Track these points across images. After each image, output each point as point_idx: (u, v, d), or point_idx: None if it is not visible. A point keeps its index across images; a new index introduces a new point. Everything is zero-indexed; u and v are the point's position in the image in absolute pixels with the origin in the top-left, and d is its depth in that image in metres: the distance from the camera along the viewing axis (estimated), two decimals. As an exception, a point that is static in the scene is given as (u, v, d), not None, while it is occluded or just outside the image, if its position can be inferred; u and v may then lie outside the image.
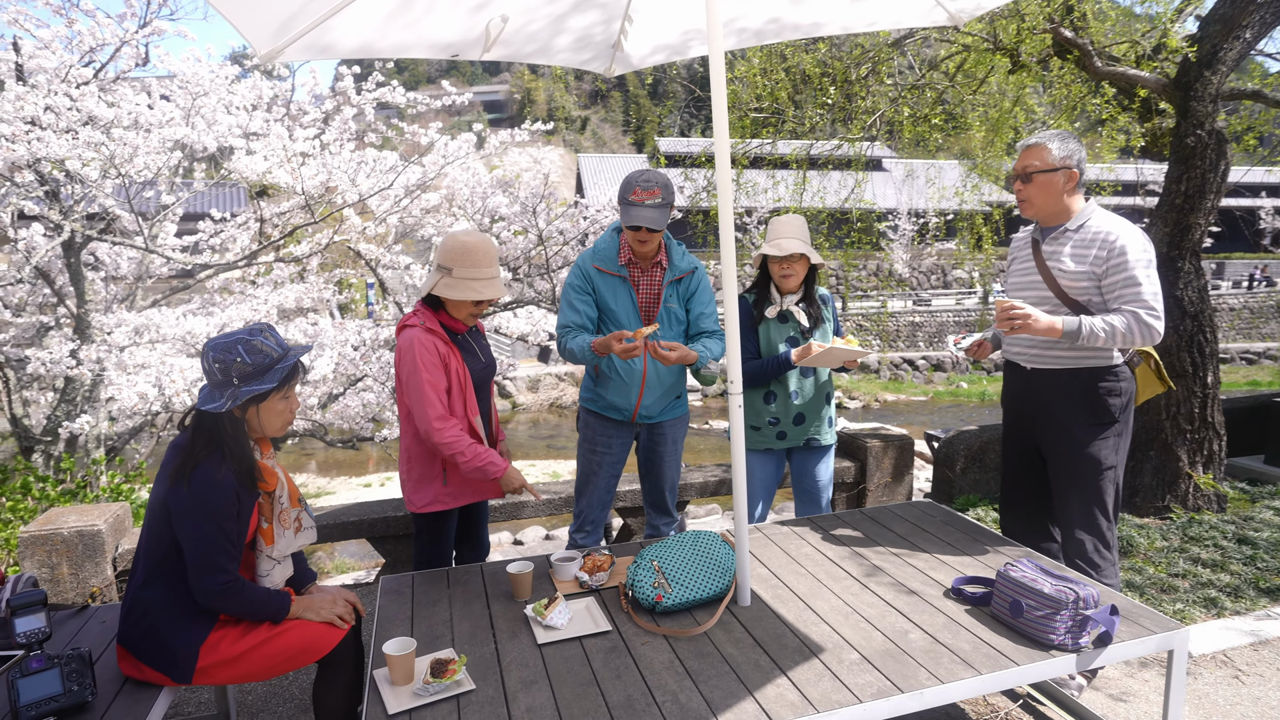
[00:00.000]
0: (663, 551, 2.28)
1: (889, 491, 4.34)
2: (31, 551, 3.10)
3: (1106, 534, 2.52)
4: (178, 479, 1.76)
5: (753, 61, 5.42)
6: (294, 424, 6.24)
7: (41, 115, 5.09)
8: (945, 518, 2.86)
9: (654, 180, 2.57)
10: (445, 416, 2.36)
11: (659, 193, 2.56)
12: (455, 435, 2.36)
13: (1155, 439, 4.18)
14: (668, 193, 2.58)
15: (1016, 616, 1.99)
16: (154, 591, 1.81)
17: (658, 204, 2.55)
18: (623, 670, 1.88)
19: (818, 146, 6.11)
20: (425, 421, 2.34)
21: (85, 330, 6.55)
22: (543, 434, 20.04)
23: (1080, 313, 2.43)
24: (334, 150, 8.07)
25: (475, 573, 2.47)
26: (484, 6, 2.41)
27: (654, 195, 2.55)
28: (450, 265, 2.37)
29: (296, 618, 1.97)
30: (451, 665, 1.82)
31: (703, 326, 2.84)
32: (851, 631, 2.03)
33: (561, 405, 22.04)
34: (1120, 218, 2.43)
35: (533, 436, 19.58)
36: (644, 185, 2.57)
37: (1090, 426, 2.47)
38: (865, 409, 22.69)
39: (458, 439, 2.36)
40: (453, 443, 2.35)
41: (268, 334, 1.88)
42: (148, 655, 1.81)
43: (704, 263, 3.02)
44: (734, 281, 2.01)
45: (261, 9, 2.03)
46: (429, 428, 2.33)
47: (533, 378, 22.88)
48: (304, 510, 2.07)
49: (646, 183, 2.57)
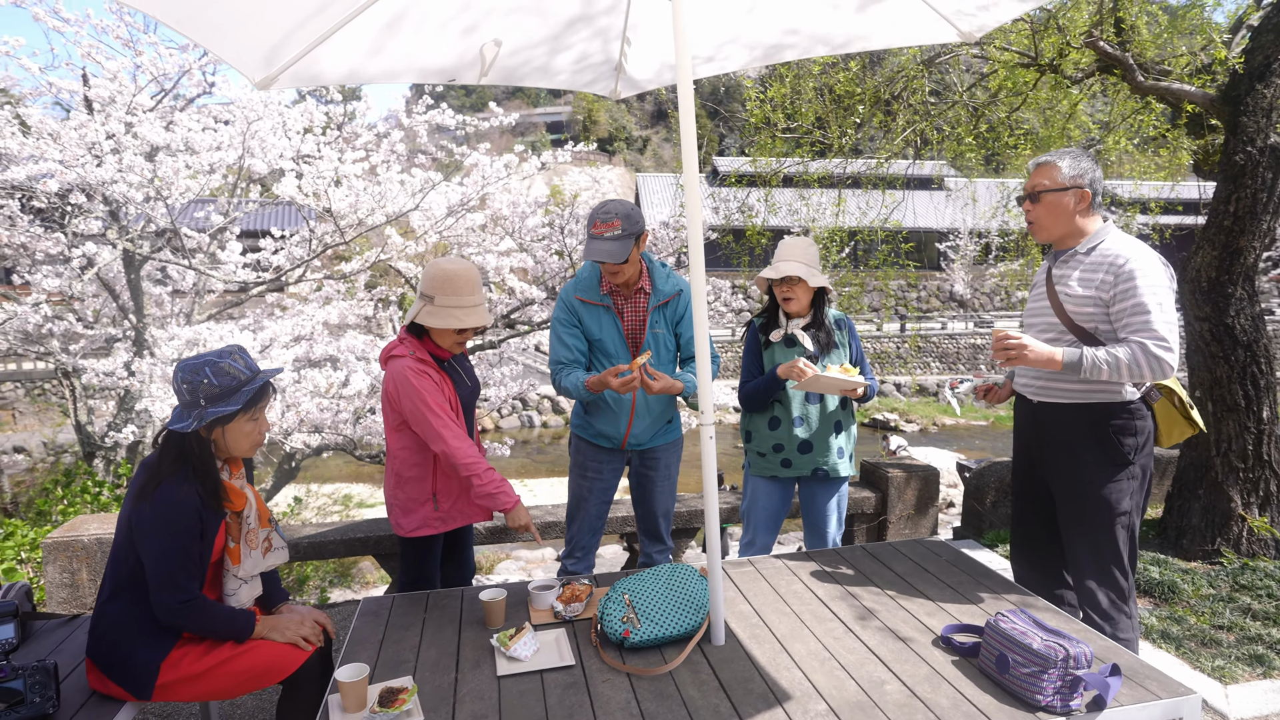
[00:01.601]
0: (636, 585, 2.21)
1: (912, 524, 4.16)
2: (54, 556, 3.24)
3: (1121, 584, 2.33)
4: (141, 497, 1.80)
5: (784, 81, 5.35)
6: (326, 439, 6.40)
7: (103, 142, 5.40)
8: (952, 557, 2.70)
9: (614, 211, 2.53)
10: (461, 435, 2.38)
11: (618, 224, 2.51)
12: (474, 457, 2.38)
13: (1205, 477, 3.89)
14: (629, 223, 2.53)
15: (1003, 672, 1.84)
16: (118, 607, 1.85)
17: (617, 235, 2.51)
18: (576, 709, 1.81)
19: (852, 165, 5.97)
20: (443, 443, 2.35)
21: (142, 343, 6.90)
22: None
23: (1089, 343, 2.27)
24: (380, 172, 8.36)
25: (455, 598, 2.44)
26: (474, 31, 2.44)
27: (613, 227, 2.50)
28: (432, 293, 2.38)
29: (261, 637, 1.98)
30: (401, 695, 1.79)
31: (690, 351, 2.78)
32: (825, 679, 1.92)
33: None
34: (1136, 241, 2.26)
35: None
36: (603, 218, 2.53)
37: (1101, 468, 2.29)
38: (922, 432, 22.04)
39: (477, 460, 2.38)
40: (473, 464, 2.36)
41: (237, 356, 1.91)
42: (111, 670, 1.85)
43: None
44: (704, 308, 1.95)
45: (248, 43, 2.09)
46: (447, 449, 2.35)
47: None
48: (274, 531, 2.08)
49: (606, 214, 2.53)
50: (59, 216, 5.90)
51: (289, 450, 7.04)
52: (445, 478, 2.47)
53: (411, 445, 2.44)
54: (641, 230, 2.59)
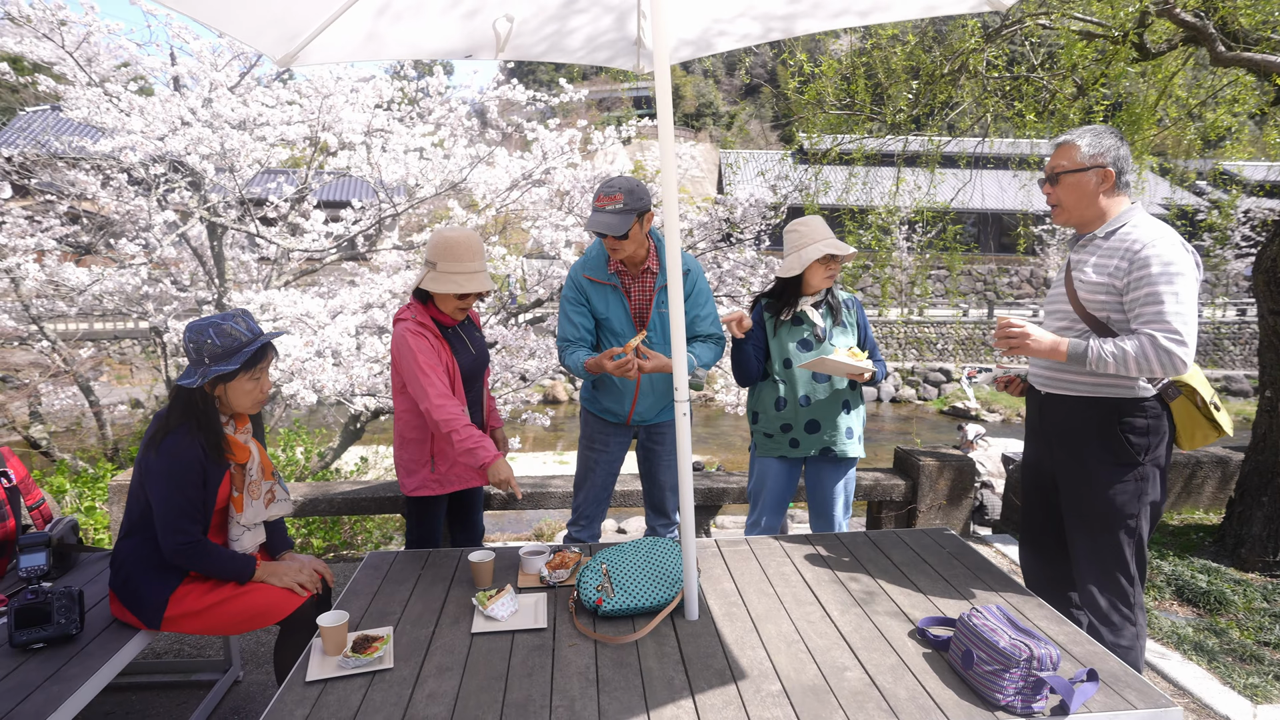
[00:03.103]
0: (615, 556, 2.26)
1: (944, 515, 4.03)
2: (117, 496, 3.56)
3: (1125, 589, 2.21)
4: (150, 446, 1.97)
5: (838, 56, 5.15)
6: (381, 403, 6.69)
7: (189, 116, 5.77)
8: (956, 549, 2.61)
9: (618, 186, 2.54)
10: (446, 394, 2.44)
11: (620, 198, 2.51)
12: (453, 414, 2.41)
13: (1271, 483, 3.59)
14: (631, 198, 2.53)
15: (967, 668, 1.80)
16: (132, 544, 2.04)
17: (619, 209, 2.51)
18: (536, 669, 1.88)
19: (929, 142, 5.72)
20: (426, 400, 2.42)
21: (222, 306, 7.38)
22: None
23: (1102, 333, 2.13)
24: (446, 147, 8.59)
25: (453, 558, 2.55)
26: (484, 8, 2.47)
27: (615, 201, 2.51)
28: (435, 260, 2.46)
29: (261, 581, 2.14)
30: (375, 643, 1.91)
31: (696, 330, 2.77)
32: (786, 661, 1.92)
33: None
34: (1159, 224, 2.10)
35: None
36: (606, 191, 2.54)
37: (1107, 467, 2.16)
38: (1005, 423, 21.11)
39: (456, 417, 2.41)
40: (450, 420, 2.40)
41: (239, 319, 2.05)
42: (125, 600, 2.04)
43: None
44: (679, 294, 1.94)
45: (259, 24, 2.20)
46: (429, 405, 2.41)
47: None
48: (277, 483, 2.23)
49: (609, 188, 2.54)
50: (153, 188, 6.36)
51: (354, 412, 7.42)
52: (443, 441, 2.56)
53: (412, 408, 2.55)
54: (646, 208, 2.58)
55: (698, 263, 2.81)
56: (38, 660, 1.91)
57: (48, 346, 7.80)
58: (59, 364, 7.90)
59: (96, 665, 1.90)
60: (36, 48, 6.38)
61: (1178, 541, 4.03)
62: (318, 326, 6.45)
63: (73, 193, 7.36)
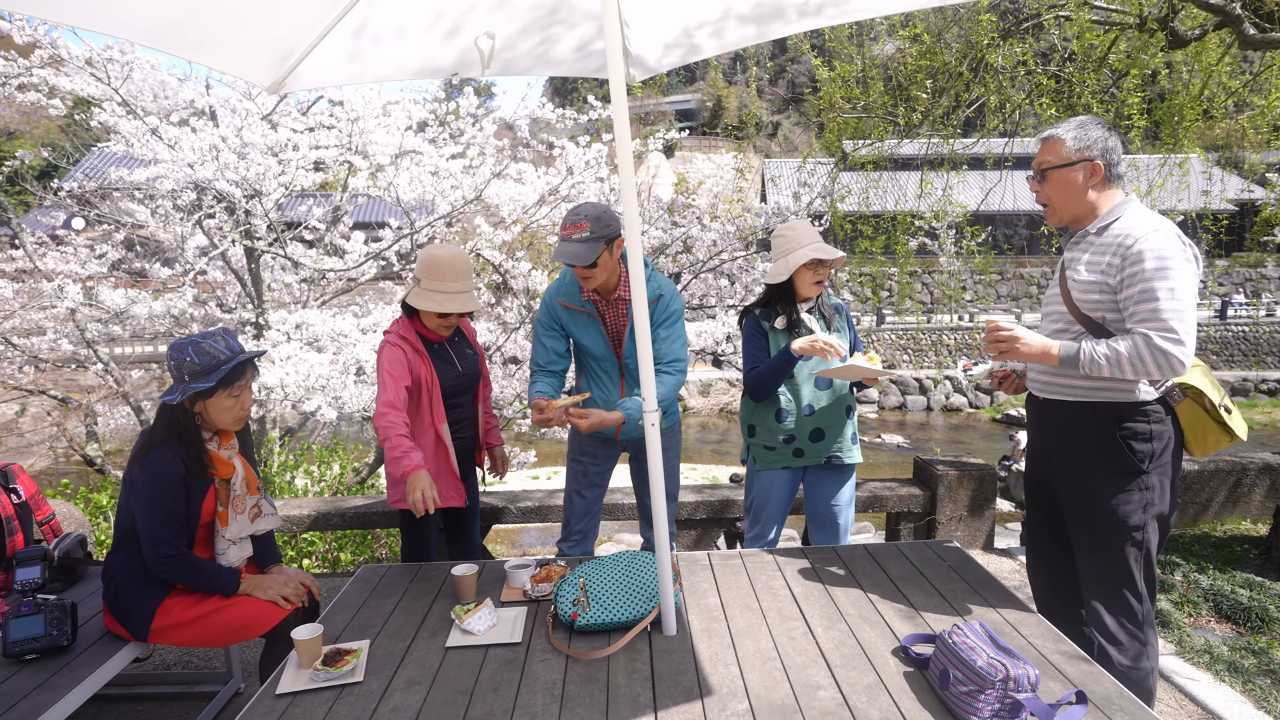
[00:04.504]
0: (594, 569, 2.23)
1: (965, 526, 3.89)
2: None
3: (1133, 607, 2.07)
4: (134, 461, 2.03)
5: (856, 63, 5.08)
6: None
7: (220, 144, 6.02)
8: (957, 563, 2.51)
9: (584, 213, 2.48)
10: (393, 405, 2.44)
11: (586, 226, 2.45)
12: (391, 423, 2.41)
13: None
14: (598, 225, 2.47)
15: (944, 688, 1.71)
16: (121, 557, 2.10)
17: (585, 238, 2.45)
18: (502, 684, 1.87)
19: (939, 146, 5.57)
20: (377, 405, 2.45)
21: (261, 326, 7.64)
22: (710, 438, 20.29)
23: (1098, 334, 2.03)
24: (474, 165, 8.77)
25: (443, 572, 2.56)
26: (461, 29, 2.51)
27: (581, 229, 2.45)
28: (420, 276, 2.49)
29: (246, 594, 2.18)
30: (347, 657, 1.92)
31: (660, 357, 2.66)
32: (759, 680, 1.86)
33: (731, 410, 22.34)
34: (1155, 217, 1.98)
35: (700, 440, 19.86)
36: (572, 219, 2.48)
37: (1109, 476, 2.04)
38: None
39: (392, 426, 2.40)
40: (386, 428, 2.40)
41: (219, 338, 2.10)
42: (115, 613, 2.10)
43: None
44: (643, 295, 1.92)
45: (249, 55, 2.27)
46: (376, 414, 2.44)
47: (704, 382, 23.37)
48: (264, 499, 2.28)
49: (575, 216, 2.48)
50: (192, 213, 6.65)
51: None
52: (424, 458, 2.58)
53: None
54: (614, 234, 2.53)
55: (672, 286, 2.74)
56: (29, 670, 1.98)
57: (101, 369, 8.19)
58: (112, 385, 8.29)
59: (83, 676, 1.96)
60: (87, 86, 6.77)
61: (1220, 554, 3.79)
62: (351, 344, 6.63)
63: (129, 221, 7.77)
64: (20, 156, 8.54)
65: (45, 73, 7.00)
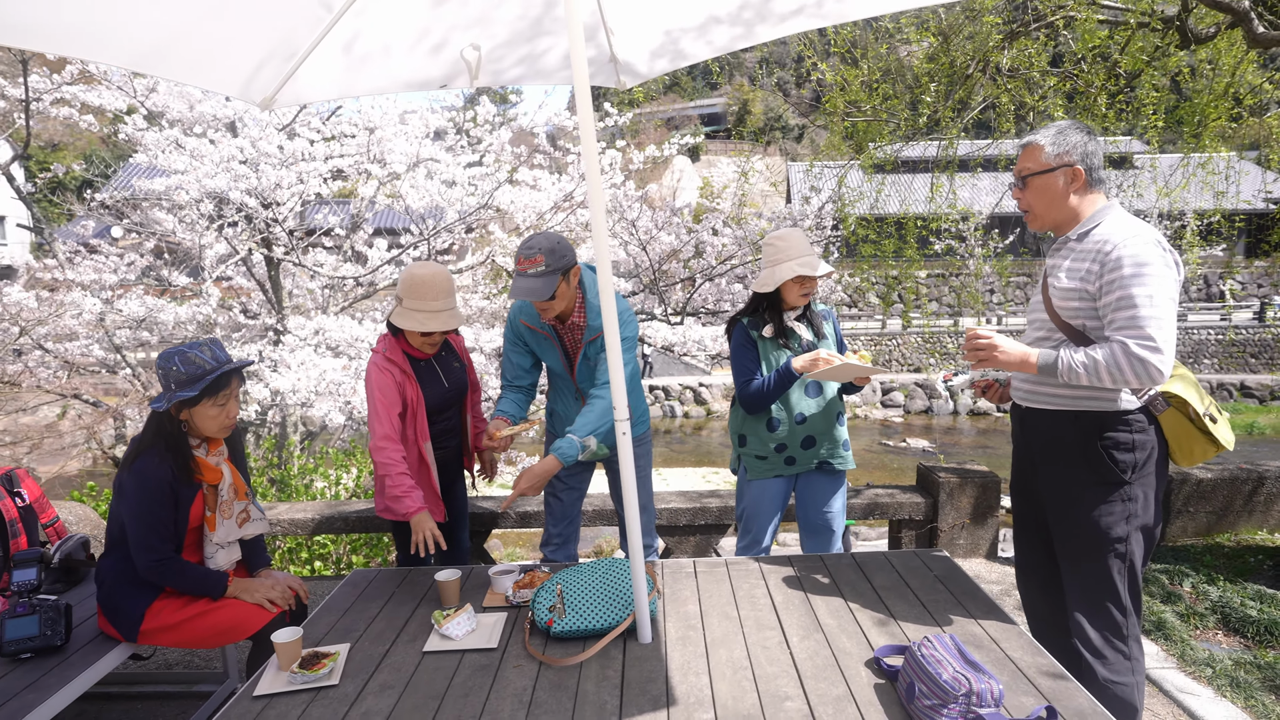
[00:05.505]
0: (572, 576, 2.25)
1: (968, 534, 3.83)
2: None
3: (1117, 620, 2.03)
4: (124, 467, 2.09)
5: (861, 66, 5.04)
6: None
7: (237, 154, 6.17)
8: (945, 573, 2.48)
9: (536, 246, 2.43)
10: (390, 438, 2.50)
11: (541, 260, 2.42)
12: (390, 459, 2.47)
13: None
14: (553, 258, 2.43)
15: (909, 701, 1.70)
16: (112, 560, 2.17)
17: (540, 272, 2.43)
18: (473, 690, 1.89)
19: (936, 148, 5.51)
20: (373, 438, 2.51)
21: (281, 332, 7.81)
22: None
23: (1080, 343, 1.99)
24: (491, 171, 8.87)
25: (428, 576, 2.60)
26: (447, 41, 2.55)
27: (535, 263, 2.42)
28: (402, 295, 2.53)
29: (234, 597, 2.23)
30: (324, 660, 1.96)
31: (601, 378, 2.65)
32: (727, 689, 1.86)
33: (753, 415, 22.17)
34: (1135, 222, 1.95)
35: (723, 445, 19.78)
36: (526, 253, 2.43)
37: (1091, 487, 2.00)
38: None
39: (392, 463, 2.47)
40: (386, 464, 2.47)
41: (206, 348, 2.16)
42: (107, 614, 2.17)
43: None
44: (611, 300, 1.94)
45: (238, 74, 2.34)
46: (372, 445, 2.51)
47: (727, 386, 23.36)
48: (251, 504, 2.33)
49: (529, 250, 2.43)
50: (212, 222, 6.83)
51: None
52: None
53: None
54: (570, 265, 2.51)
55: (630, 310, 2.73)
56: (23, 670, 2.05)
57: (130, 373, 8.43)
58: (140, 389, 8.53)
59: (73, 675, 2.03)
60: (115, 100, 6.99)
61: (1233, 565, 3.68)
62: (368, 349, 6.75)
63: (160, 230, 8.00)
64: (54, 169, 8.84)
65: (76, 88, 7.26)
